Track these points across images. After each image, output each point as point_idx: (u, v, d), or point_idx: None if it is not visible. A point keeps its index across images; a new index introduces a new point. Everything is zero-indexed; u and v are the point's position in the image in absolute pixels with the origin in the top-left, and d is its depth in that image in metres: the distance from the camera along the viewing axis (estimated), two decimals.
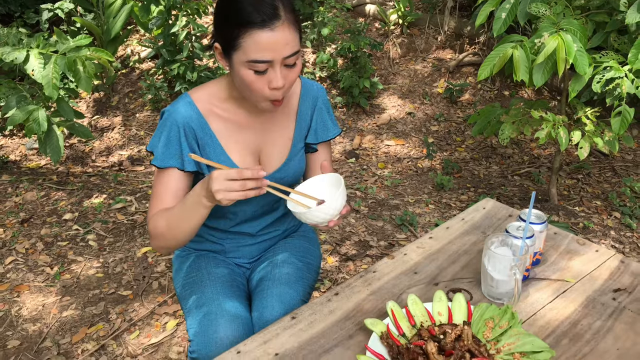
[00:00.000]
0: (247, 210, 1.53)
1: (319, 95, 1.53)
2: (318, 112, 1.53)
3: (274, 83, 1.25)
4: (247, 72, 1.25)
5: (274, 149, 1.48)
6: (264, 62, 1.22)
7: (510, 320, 1.22)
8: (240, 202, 1.49)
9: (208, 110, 1.39)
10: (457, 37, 4.66)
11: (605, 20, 2.33)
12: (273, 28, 1.21)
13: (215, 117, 1.40)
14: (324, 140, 1.55)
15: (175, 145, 1.36)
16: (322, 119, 1.54)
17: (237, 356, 1.20)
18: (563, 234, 1.63)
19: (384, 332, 1.20)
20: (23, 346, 2.08)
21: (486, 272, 1.34)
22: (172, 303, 2.29)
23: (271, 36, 1.21)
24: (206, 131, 1.39)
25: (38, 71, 2.61)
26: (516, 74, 2.11)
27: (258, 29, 1.20)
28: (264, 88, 1.27)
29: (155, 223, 1.35)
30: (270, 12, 1.21)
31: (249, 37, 1.21)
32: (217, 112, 1.40)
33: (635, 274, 1.44)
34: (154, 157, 1.37)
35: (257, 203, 1.53)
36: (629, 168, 3.41)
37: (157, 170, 1.39)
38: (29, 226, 2.81)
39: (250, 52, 1.22)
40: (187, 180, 1.40)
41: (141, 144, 3.92)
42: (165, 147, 1.36)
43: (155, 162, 1.37)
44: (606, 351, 1.19)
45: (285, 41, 1.22)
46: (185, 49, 3.97)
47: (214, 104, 1.40)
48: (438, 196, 3.14)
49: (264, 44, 1.21)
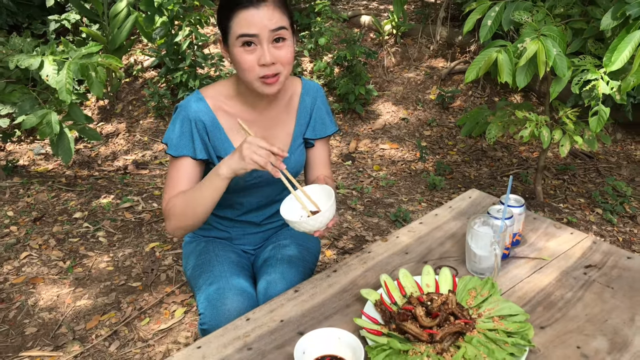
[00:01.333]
0: (253, 201, 1.67)
1: (318, 95, 1.67)
2: (317, 110, 1.66)
3: (262, 59, 1.38)
4: (239, 51, 1.39)
5: (276, 142, 1.59)
6: (249, 36, 1.37)
7: (490, 289, 1.37)
8: (247, 193, 1.64)
9: (217, 106, 1.53)
10: (448, 46, 4.85)
11: (583, 27, 2.51)
12: (258, 7, 1.36)
13: (223, 113, 1.54)
14: (322, 137, 1.68)
15: (187, 136, 1.50)
16: (320, 116, 1.67)
17: (247, 322, 1.35)
18: (542, 219, 1.78)
19: (378, 300, 1.34)
20: (40, 332, 2.21)
21: (470, 249, 1.49)
22: (179, 293, 2.42)
23: (256, 13, 1.36)
24: (215, 125, 1.53)
25: (52, 77, 2.76)
26: (500, 76, 2.28)
27: (244, 8, 1.36)
28: (254, 65, 1.40)
29: (173, 203, 1.47)
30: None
31: (237, 16, 1.37)
32: (225, 108, 1.54)
33: (605, 252, 1.60)
34: (169, 146, 1.51)
35: (262, 194, 1.67)
36: (613, 169, 3.58)
37: (172, 159, 1.53)
38: (41, 224, 2.95)
39: (238, 29, 1.37)
40: (199, 168, 1.54)
41: (145, 149, 4.07)
42: (179, 138, 1.50)
43: (170, 151, 1.51)
44: (576, 316, 1.34)
45: (269, 16, 1.37)
46: (188, 58, 4.14)
47: (222, 100, 1.54)
48: (430, 195, 3.30)
49: (249, 20, 1.36)
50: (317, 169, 1.71)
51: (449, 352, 1.18)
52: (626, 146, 3.84)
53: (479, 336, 1.21)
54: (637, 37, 2.15)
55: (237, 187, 1.58)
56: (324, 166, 1.71)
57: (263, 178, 1.60)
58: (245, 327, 1.33)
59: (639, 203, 3.15)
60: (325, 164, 1.71)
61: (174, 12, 4.02)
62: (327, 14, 4.62)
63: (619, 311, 1.35)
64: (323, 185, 1.46)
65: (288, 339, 1.27)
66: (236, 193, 1.62)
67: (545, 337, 1.27)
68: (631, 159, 3.70)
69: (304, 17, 4.90)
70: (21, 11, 4.98)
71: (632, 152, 3.78)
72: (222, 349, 1.26)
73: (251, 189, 1.62)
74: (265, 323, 1.34)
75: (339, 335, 1.20)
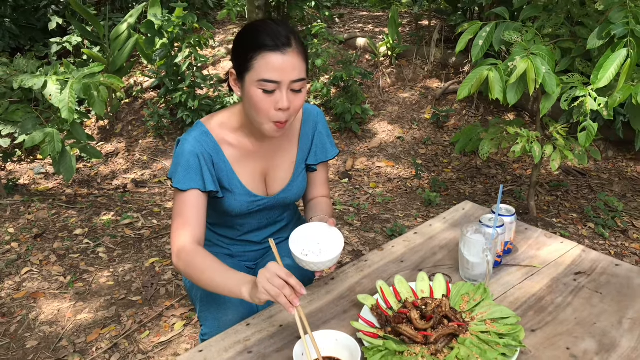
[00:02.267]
0: (253, 222, 1.69)
1: (319, 119, 1.68)
2: (318, 135, 1.68)
3: (280, 104, 1.39)
4: (257, 92, 1.39)
5: (279, 172, 1.64)
6: (272, 82, 1.37)
7: (483, 294, 1.41)
8: (248, 217, 1.66)
9: (221, 138, 1.54)
10: (442, 67, 4.96)
11: (571, 46, 2.60)
12: (284, 52, 1.37)
13: (227, 145, 1.55)
14: (323, 161, 1.70)
15: (195, 170, 1.49)
16: (321, 142, 1.68)
17: (247, 328, 1.39)
18: (533, 229, 1.84)
19: (374, 305, 1.39)
20: (41, 345, 2.24)
21: (463, 257, 1.54)
22: (179, 307, 2.45)
23: (281, 59, 1.36)
24: (220, 157, 1.54)
25: (55, 96, 2.83)
26: (492, 93, 2.35)
27: (270, 52, 1.36)
28: (270, 109, 1.40)
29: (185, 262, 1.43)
30: (284, 40, 1.37)
31: (262, 58, 1.36)
32: (229, 140, 1.55)
33: (594, 260, 1.65)
34: (175, 181, 1.49)
35: (263, 216, 1.69)
36: (605, 185, 3.64)
37: (177, 193, 1.50)
38: (42, 241, 2.99)
39: (261, 72, 1.37)
40: (206, 199, 1.52)
41: (145, 168, 4.12)
42: (185, 172, 1.48)
43: (177, 185, 1.48)
44: (565, 319, 1.38)
45: (293, 66, 1.38)
46: (188, 79, 4.22)
47: (226, 133, 1.55)
48: (426, 211, 3.35)
49: (274, 65, 1.36)
50: (316, 188, 1.73)
51: (443, 353, 1.22)
52: (617, 163, 3.92)
53: (471, 338, 1.26)
54: (622, 56, 2.23)
55: (239, 214, 1.61)
56: (322, 185, 1.74)
57: (265, 205, 1.63)
58: (246, 332, 1.37)
59: (630, 217, 3.21)
60: (323, 183, 1.74)
61: (174, 34, 4.11)
62: (324, 36, 4.72)
63: (607, 315, 1.39)
64: (337, 233, 1.46)
65: (287, 343, 1.31)
66: (238, 217, 1.64)
67: (536, 340, 1.31)
68: (623, 176, 3.77)
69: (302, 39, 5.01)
70: (23, 34, 5.08)
71: (624, 169, 3.85)
72: (223, 353, 1.30)
73: (253, 213, 1.65)
74: (265, 328, 1.38)
75: (336, 337, 1.24)
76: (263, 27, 1.41)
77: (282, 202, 1.66)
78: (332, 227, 1.48)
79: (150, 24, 4.12)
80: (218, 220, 1.70)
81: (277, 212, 1.71)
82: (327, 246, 1.46)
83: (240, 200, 1.58)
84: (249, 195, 1.58)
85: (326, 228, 1.49)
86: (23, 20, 5.08)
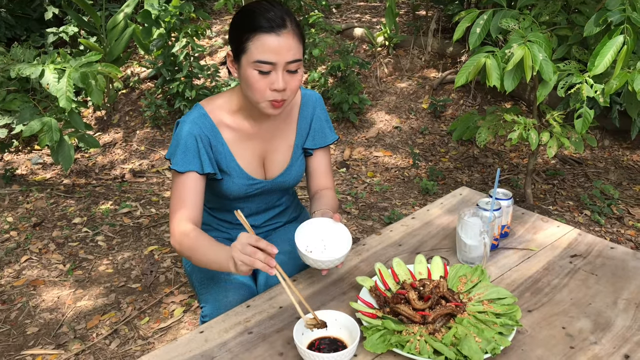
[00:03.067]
0: (252, 206, 1.71)
1: (317, 104, 1.69)
2: (316, 120, 1.69)
3: (276, 85, 1.41)
4: (253, 73, 1.41)
5: (277, 155, 1.65)
6: (268, 64, 1.39)
7: (480, 276, 1.43)
8: (247, 201, 1.68)
9: (219, 121, 1.56)
10: (440, 57, 4.96)
11: (568, 34, 2.61)
12: (279, 34, 1.38)
13: (225, 127, 1.56)
14: (322, 146, 1.70)
15: (193, 152, 1.51)
16: (320, 126, 1.69)
17: (247, 309, 1.40)
18: (529, 213, 1.86)
19: (373, 286, 1.41)
20: (41, 332, 2.25)
21: (460, 239, 1.56)
22: (178, 293, 2.47)
23: (276, 40, 1.38)
24: (218, 139, 1.55)
25: (53, 85, 2.83)
26: (489, 80, 2.36)
27: (265, 33, 1.38)
28: (266, 89, 1.42)
29: (182, 243, 1.47)
30: (279, 21, 1.39)
31: (257, 39, 1.38)
32: (228, 122, 1.56)
33: (589, 243, 1.67)
34: (173, 162, 1.51)
35: (262, 201, 1.71)
36: (601, 174, 3.67)
37: (176, 175, 1.53)
38: (40, 229, 3.00)
39: (256, 53, 1.39)
40: (202, 183, 1.54)
41: (142, 158, 4.13)
42: (183, 154, 1.50)
43: (175, 167, 1.50)
44: (561, 300, 1.41)
45: (288, 47, 1.39)
46: (185, 69, 4.22)
47: (224, 115, 1.56)
48: (423, 199, 3.37)
49: (269, 46, 1.38)
50: (319, 178, 1.73)
51: (441, 332, 1.24)
52: (614, 152, 3.94)
53: (469, 318, 1.28)
54: (619, 42, 2.25)
55: (238, 197, 1.63)
56: (325, 175, 1.73)
57: (264, 189, 1.65)
58: (246, 313, 1.38)
59: (626, 205, 3.24)
60: (326, 173, 1.73)
61: (171, 24, 4.10)
62: (321, 25, 4.72)
63: (602, 295, 1.42)
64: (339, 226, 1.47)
65: (287, 323, 1.33)
66: (236, 200, 1.66)
67: (533, 320, 1.33)
68: (619, 164, 3.79)
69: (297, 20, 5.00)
70: (19, 24, 5.06)
71: (620, 157, 3.87)
72: (224, 333, 1.31)
73: (251, 197, 1.66)
74: (265, 309, 1.40)
75: (336, 317, 1.26)
76: (258, 8, 1.42)
77: (280, 185, 1.68)
78: (337, 223, 1.48)
79: (147, 14, 4.10)
80: (217, 205, 1.72)
81: (275, 196, 1.73)
82: (332, 243, 1.46)
83: (238, 183, 1.59)
84: (247, 179, 1.60)
85: (331, 224, 1.48)
86: (19, 10, 5.06)
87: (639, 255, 1.59)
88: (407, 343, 1.20)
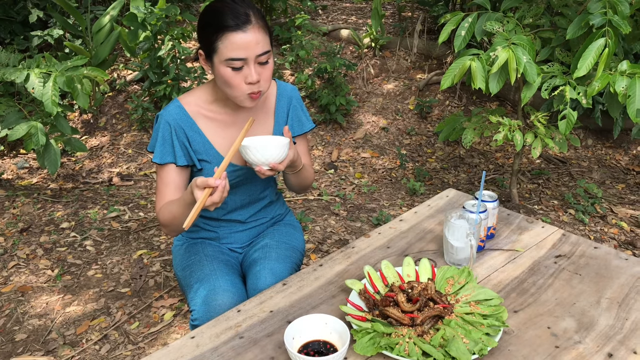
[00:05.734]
0: (236, 199, 1.74)
1: (293, 95, 1.77)
2: (293, 109, 1.76)
3: (250, 78, 1.48)
4: (226, 70, 1.48)
5: None
6: (239, 60, 1.45)
7: (467, 277, 1.46)
8: (230, 192, 1.71)
9: (196, 112, 1.61)
10: (426, 58, 5.00)
11: (551, 36, 2.65)
12: (245, 30, 1.44)
13: (202, 117, 1.62)
14: (300, 134, 1.78)
15: (169, 144, 1.58)
16: (297, 115, 1.77)
17: (238, 314, 1.42)
18: (515, 214, 1.89)
19: (362, 289, 1.42)
20: (30, 338, 2.24)
21: (447, 241, 1.58)
22: (168, 298, 2.47)
23: (244, 37, 1.44)
24: (195, 129, 1.60)
25: (38, 89, 2.81)
26: (474, 83, 2.39)
27: (232, 32, 1.44)
28: (241, 83, 1.49)
29: (163, 215, 1.57)
30: (244, 18, 1.45)
31: (225, 38, 1.44)
32: (204, 112, 1.62)
33: (573, 243, 1.70)
34: (154, 155, 1.59)
35: (245, 193, 1.75)
36: (584, 173, 3.72)
37: (158, 167, 1.61)
38: (28, 235, 2.98)
39: (226, 52, 1.45)
40: (184, 174, 1.62)
41: (130, 161, 4.11)
42: (162, 146, 1.58)
43: (155, 159, 1.58)
44: (546, 300, 1.43)
45: (256, 41, 1.46)
46: (171, 71, 4.21)
47: (200, 106, 1.62)
48: (411, 200, 3.40)
49: (238, 44, 1.44)
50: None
51: (429, 334, 1.26)
52: (597, 151, 4.00)
53: (456, 319, 1.30)
54: (600, 45, 2.29)
55: None
56: (303, 155, 1.81)
57: (244, 177, 1.68)
58: (237, 318, 1.39)
59: (609, 204, 3.29)
60: (304, 154, 1.82)
61: (157, 26, 4.09)
62: (307, 27, 4.73)
63: (586, 295, 1.45)
64: (283, 137, 1.56)
65: (278, 327, 1.34)
66: None
67: (519, 320, 1.36)
68: (602, 163, 3.85)
69: (285, 31, 5.01)
70: (3, 27, 5.00)
71: (603, 156, 3.94)
72: (215, 339, 1.32)
73: (233, 187, 1.70)
74: (256, 314, 1.41)
75: (325, 320, 1.28)
76: (222, 7, 1.47)
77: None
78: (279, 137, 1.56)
79: (133, 17, 4.09)
80: None
81: (258, 187, 1.76)
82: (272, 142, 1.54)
83: None
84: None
85: (272, 138, 1.58)
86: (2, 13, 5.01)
87: (621, 255, 1.63)
88: (396, 345, 1.22)
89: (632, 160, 3.90)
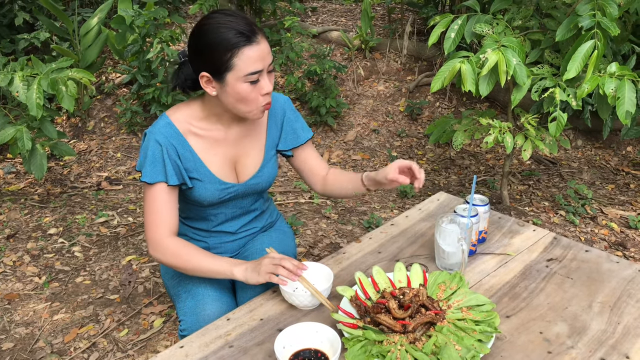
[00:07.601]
0: (227, 212, 1.71)
1: (287, 106, 1.72)
2: (287, 122, 1.71)
3: (266, 88, 1.46)
4: (243, 86, 1.44)
5: (248, 158, 1.66)
6: (257, 72, 1.43)
7: (459, 283, 1.45)
8: (221, 206, 1.67)
9: (186, 129, 1.56)
10: (415, 60, 5.00)
11: (540, 38, 2.65)
12: (257, 42, 1.43)
13: (193, 135, 1.57)
14: (296, 146, 1.73)
15: (159, 163, 1.52)
16: (291, 127, 1.72)
17: (227, 322, 1.40)
18: (506, 217, 1.88)
19: (353, 296, 1.41)
20: (17, 347, 2.21)
21: (438, 246, 1.57)
22: (157, 304, 2.44)
23: (257, 49, 1.43)
24: (186, 147, 1.56)
25: (22, 92, 2.77)
26: (464, 85, 2.39)
27: (246, 46, 1.41)
28: (258, 97, 1.47)
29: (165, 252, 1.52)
30: (250, 30, 1.43)
31: (242, 54, 1.41)
32: (194, 130, 1.57)
33: (565, 246, 1.70)
34: (143, 174, 1.52)
35: (236, 206, 1.71)
36: (575, 174, 3.73)
37: (147, 187, 1.54)
38: (14, 241, 2.93)
39: (245, 67, 1.42)
40: (174, 193, 1.56)
41: (118, 165, 4.07)
42: (152, 165, 1.52)
43: (145, 178, 1.52)
44: (539, 305, 1.43)
45: (267, 50, 1.46)
46: (160, 74, 4.17)
47: (191, 123, 1.57)
48: (402, 202, 3.39)
49: (255, 57, 1.42)
50: (315, 168, 1.77)
51: (421, 341, 1.25)
52: (586, 152, 4.01)
53: (448, 325, 1.29)
54: (589, 47, 2.29)
55: (212, 203, 1.62)
56: (318, 163, 1.77)
57: (235, 193, 1.65)
58: (226, 327, 1.37)
59: (599, 204, 3.30)
60: (318, 159, 1.77)
61: (145, 29, 4.06)
62: (297, 29, 4.71)
63: (578, 299, 1.44)
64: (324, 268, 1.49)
65: (268, 336, 1.33)
66: (210, 207, 1.65)
67: (511, 325, 1.35)
68: (592, 164, 3.86)
69: (274, 33, 4.99)
70: None
71: (592, 157, 3.95)
72: (204, 348, 1.30)
73: (225, 202, 1.66)
74: (246, 322, 1.39)
75: (316, 329, 1.26)
76: (222, 23, 1.43)
77: (254, 188, 1.68)
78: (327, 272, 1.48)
79: (121, 19, 4.05)
80: (192, 214, 1.71)
81: (249, 200, 1.73)
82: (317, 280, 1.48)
83: (211, 188, 1.59)
84: (219, 183, 1.60)
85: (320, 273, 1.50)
86: None
87: (612, 258, 1.63)
88: (388, 353, 1.20)
89: (621, 160, 3.91)
